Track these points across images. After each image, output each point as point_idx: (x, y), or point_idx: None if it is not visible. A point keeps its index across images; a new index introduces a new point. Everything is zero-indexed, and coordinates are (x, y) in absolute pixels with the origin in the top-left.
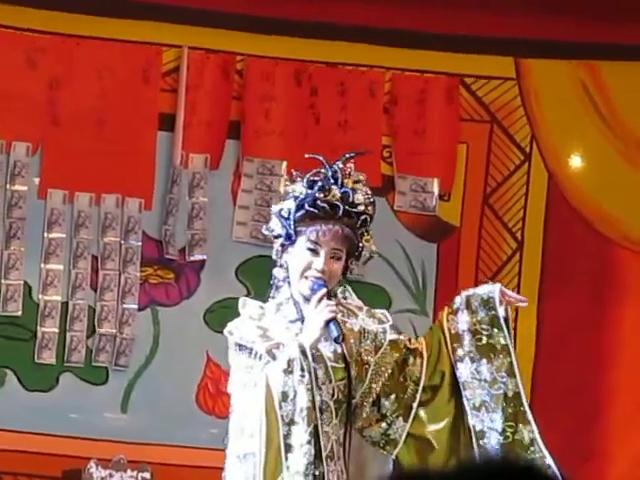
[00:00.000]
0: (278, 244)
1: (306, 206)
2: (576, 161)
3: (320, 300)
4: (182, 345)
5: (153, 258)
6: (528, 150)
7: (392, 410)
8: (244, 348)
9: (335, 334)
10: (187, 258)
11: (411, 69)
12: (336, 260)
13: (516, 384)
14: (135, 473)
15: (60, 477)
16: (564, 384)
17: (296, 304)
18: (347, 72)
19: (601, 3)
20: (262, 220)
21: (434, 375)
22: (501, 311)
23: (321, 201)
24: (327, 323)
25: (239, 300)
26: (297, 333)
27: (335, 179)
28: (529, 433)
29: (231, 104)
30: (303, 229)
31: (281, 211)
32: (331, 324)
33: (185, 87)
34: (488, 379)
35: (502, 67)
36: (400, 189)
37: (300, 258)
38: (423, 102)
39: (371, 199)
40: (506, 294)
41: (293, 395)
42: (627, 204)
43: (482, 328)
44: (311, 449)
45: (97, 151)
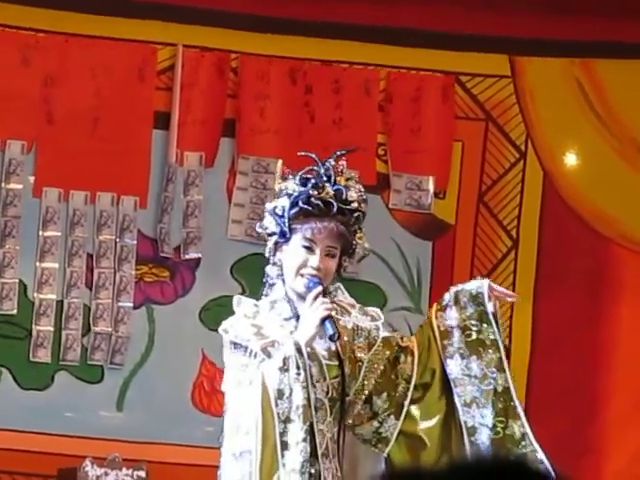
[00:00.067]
0: (272, 242)
1: (300, 204)
2: (571, 159)
3: (316, 298)
4: (177, 343)
5: (148, 256)
6: (523, 148)
7: (384, 408)
8: (239, 346)
9: (331, 332)
10: (182, 256)
11: (406, 67)
12: (331, 257)
13: (506, 379)
14: (130, 471)
15: (55, 476)
16: (560, 382)
17: (290, 302)
18: (342, 70)
19: (596, 1)
20: (257, 218)
21: (425, 373)
22: (490, 306)
23: (315, 198)
24: (323, 321)
25: (234, 298)
26: (292, 331)
27: (328, 176)
28: (520, 428)
29: (226, 102)
30: (298, 227)
31: (275, 209)
32: (327, 322)
33: (180, 85)
34: (478, 375)
35: (497, 65)
36: (395, 187)
37: (295, 256)
38: (418, 100)
39: (364, 196)
40: (494, 289)
41: (289, 393)
42: (622, 202)
43: (471, 324)
44: (307, 447)
45: (92, 149)
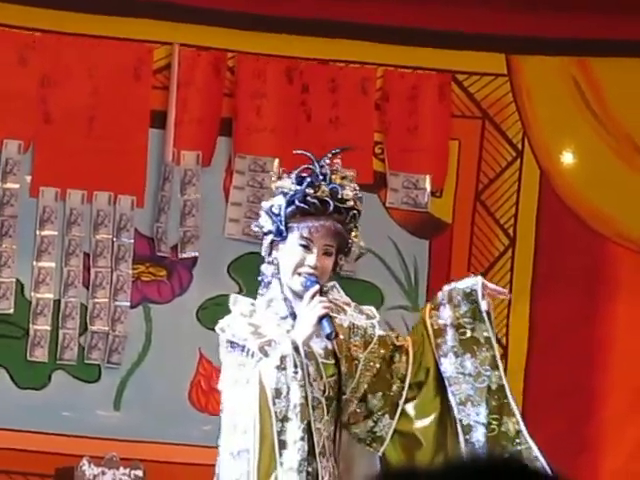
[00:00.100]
0: (268, 241)
1: (296, 202)
2: (568, 157)
3: (313, 296)
4: (174, 342)
5: (145, 255)
6: (520, 146)
7: (378, 407)
8: (236, 345)
9: (328, 331)
10: (179, 255)
11: (403, 66)
12: (328, 256)
13: (499, 377)
14: (128, 471)
15: (53, 475)
16: (557, 380)
17: (287, 300)
18: (338, 69)
19: None
20: (254, 217)
21: (419, 372)
22: (483, 304)
23: (311, 197)
24: (320, 319)
25: (230, 297)
26: (288, 330)
27: (323, 175)
28: (514, 425)
29: (222, 101)
30: (294, 225)
31: (271, 207)
32: (324, 321)
33: (176, 84)
34: (472, 373)
35: (494, 63)
36: (392, 186)
37: (292, 254)
38: (415, 99)
39: (359, 194)
40: (487, 287)
41: (286, 392)
42: (619, 200)
43: (465, 322)
44: (304, 445)
45: (89, 149)
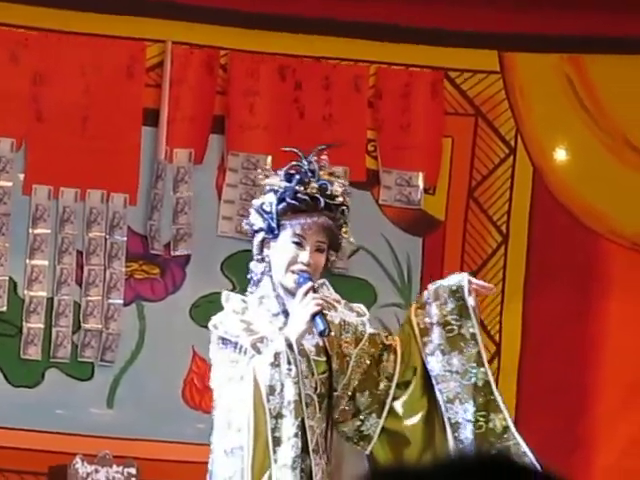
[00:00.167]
0: (259, 239)
1: (287, 199)
2: (561, 154)
3: (306, 293)
4: (168, 340)
5: (138, 253)
6: (513, 143)
7: (365, 405)
8: (228, 342)
9: (321, 327)
10: (172, 253)
11: (396, 63)
12: (320, 253)
13: (485, 373)
14: (121, 468)
15: (46, 473)
16: (550, 378)
17: (278, 298)
18: (331, 66)
19: None
20: (247, 214)
21: (406, 371)
22: (470, 300)
23: (301, 194)
24: (313, 316)
25: (222, 294)
26: (280, 327)
27: (312, 171)
28: (501, 421)
29: (215, 99)
30: (287, 222)
31: (262, 205)
32: (317, 317)
33: (169, 82)
34: (460, 370)
35: (486, 61)
36: (385, 183)
37: (284, 252)
38: (408, 96)
39: (347, 190)
40: (473, 283)
41: (280, 388)
42: (612, 197)
43: (452, 319)
44: (298, 442)
45: (81, 147)
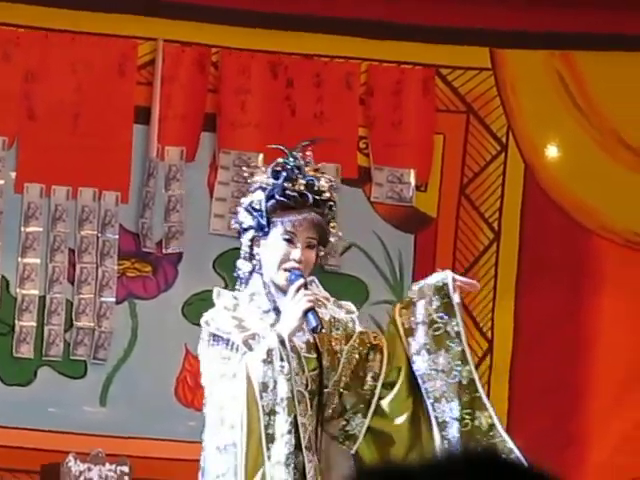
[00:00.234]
0: (248, 237)
1: (276, 196)
2: (552, 151)
3: (298, 290)
4: (160, 338)
5: (130, 251)
6: (504, 140)
7: (351, 404)
8: (220, 339)
9: (314, 324)
10: (164, 251)
11: (387, 60)
12: (310, 249)
13: (470, 371)
14: (114, 467)
15: (39, 471)
16: (542, 375)
17: (269, 295)
18: (323, 64)
19: None
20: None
21: (392, 371)
22: (455, 297)
23: (290, 190)
24: (305, 313)
25: (213, 290)
26: (271, 323)
27: (298, 168)
28: (487, 419)
29: (207, 96)
30: (277, 220)
31: (251, 203)
32: (309, 314)
33: (160, 80)
34: (445, 369)
35: (478, 57)
36: (377, 180)
37: (276, 249)
38: (399, 93)
39: (334, 185)
40: (457, 280)
41: (273, 385)
42: (604, 193)
43: (438, 317)
44: (292, 439)
45: (73, 145)
